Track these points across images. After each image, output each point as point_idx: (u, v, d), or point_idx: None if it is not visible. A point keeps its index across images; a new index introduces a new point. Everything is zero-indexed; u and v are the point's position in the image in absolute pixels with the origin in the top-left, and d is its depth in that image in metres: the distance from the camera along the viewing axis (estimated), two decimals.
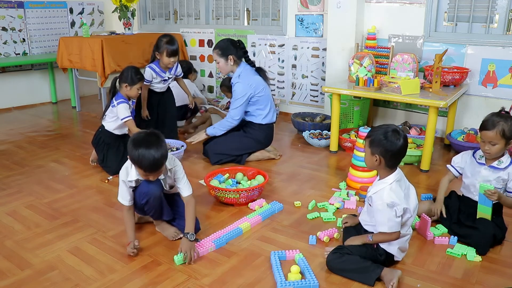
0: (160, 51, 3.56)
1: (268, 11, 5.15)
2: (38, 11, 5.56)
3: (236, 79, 3.39)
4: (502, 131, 2.12)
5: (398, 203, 1.90)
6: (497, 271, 2.05)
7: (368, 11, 4.26)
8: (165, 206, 2.28)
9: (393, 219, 1.90)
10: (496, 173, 2.22)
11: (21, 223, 2.50)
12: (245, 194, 2.65)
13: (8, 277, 1.99)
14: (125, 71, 3.22)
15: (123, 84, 3.19)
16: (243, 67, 3.44)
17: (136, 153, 2.00)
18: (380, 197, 1.93)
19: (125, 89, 3.19)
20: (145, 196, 2.17)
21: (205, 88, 5.81)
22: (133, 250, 2.12)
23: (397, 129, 1.95)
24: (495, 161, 2.22)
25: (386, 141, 1.92)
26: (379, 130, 1.97)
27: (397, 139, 1.91)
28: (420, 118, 4.20)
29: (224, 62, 3.39)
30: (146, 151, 1.98)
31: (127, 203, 2.20)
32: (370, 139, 1.99)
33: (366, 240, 2.00)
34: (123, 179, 2.17)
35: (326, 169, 3.40)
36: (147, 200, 2.18)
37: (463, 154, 2.41)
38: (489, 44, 3.76)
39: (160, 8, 6.12)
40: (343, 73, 4.26)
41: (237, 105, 3.37)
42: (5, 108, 5.41)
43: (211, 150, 3.43)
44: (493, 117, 2.18)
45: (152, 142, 2.02)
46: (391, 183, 1.94)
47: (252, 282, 1.95)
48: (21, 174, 3.25)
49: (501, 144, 2.15)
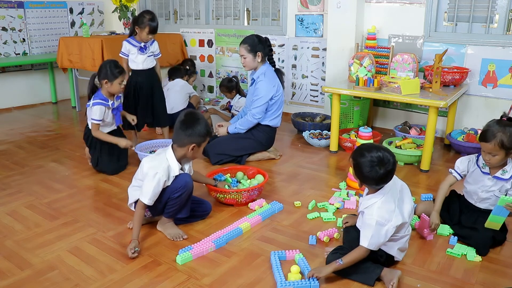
0: (142, 27, 3.49)
1: (268, 11, 5.15)
2: (38, 11, 5.56)
3: (262, 77, 3.37)
4: (501, 142, 2.06)
5: (388, 219, 1.86)
6: (497, 271, 2.04)
7: (368, 11, 4.26)
8: (189, 203, 2.34)
9: (378, 237, 1.85)
10: (499, 183, 2.19)
11: (21, 223, 2.50)
12: (245, 195, 2.65)
13: (8, 277, 1.99)
14: (103, 66, 3.02)
15: (103, 81, 3.00)
16: (268, 65, 3.44)
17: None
18: (371, 213, 1.88)
19: (105, 86, 3.01)
20: (181, 189, 2.20)
21: (205, 88, 5.81)
22: (134, 253, 2.11)
23: (382, 156, 1.82)
24: (499, 170, 2.19)
25: (368, 173, 1.83)
26: (364, 157, 1.84)
27: (380, 170, 1.81)
28: (420, 118, 4.20)
29: (251, 58, 3.36)
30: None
31: (151, 203, 2.20)
32: (354, 163, 1.90)
33: (336, 266, 1.88)
34: (165, 179, 2.18)
35: (326, 169, 3.40)
36: (180, 194, 2.21)
37: (467, 161, 2.34)
38: (489, 44, 3.76)
39: (160, 8, 6.12)
40: (343, 73, 4.26)
41: (259, 104, 3.37)
42: (5, 108, 5.41)
43: (211, 150, 3.43)
44: (492, 127, 2.11)
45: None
46: (381, 198, 1.90)
47: (252, 282, 1.95)
48: (21, 174, 3.25)
49: (501, 155, 2.10)
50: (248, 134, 3.48)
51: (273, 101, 3.42)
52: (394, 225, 1.87)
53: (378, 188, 1.92)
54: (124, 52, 3.63)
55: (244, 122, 3.45)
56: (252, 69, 3.43)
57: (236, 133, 3.48)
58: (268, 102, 3.39)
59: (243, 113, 3.65)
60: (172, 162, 2.23)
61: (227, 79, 4.55)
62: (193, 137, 2.21)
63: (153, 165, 2.20)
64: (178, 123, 2.24)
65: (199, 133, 2.22)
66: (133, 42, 3.61)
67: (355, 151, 1.93)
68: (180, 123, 2.23)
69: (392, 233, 1.88)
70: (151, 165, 2.21)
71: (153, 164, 2.21)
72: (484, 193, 2.25)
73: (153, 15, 3.55)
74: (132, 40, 3.61)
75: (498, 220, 2.13)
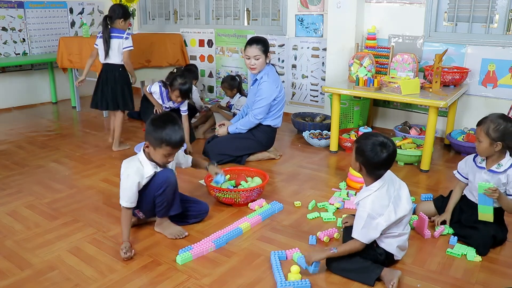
0: (172, 88, 3.52)
1: (268, 11, 5.15)
2: (38, 11, 5.56)
3: (265, 77, 3.36)
4: (487, 128, 2.12)
5: (380, 213, 1.88)
6: (497, 271, 2.05)
7: (368, 11, 4.26)
8: (177, 197, 2.29)
9: (368, 229, 1.89)
10: (495, 177, 2.20)
11: (21, 223, 2.50)
12: (244, 194, 2.65)
13: (8, 277, 1.99)
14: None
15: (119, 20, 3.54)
16: (270, 66, 3.45)
17: (163, 132, 2.08)
18: (364, 205, 1.92)
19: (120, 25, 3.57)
20: (163, 185, 2.18)
21: (205, 88, 5.81)
22: (127, 254, 2.10)
23: (385, 141, 1.91)
24: (494, 164, 2.21)
25: (369, 153, 1.89)
26: (368, 139, 1.93)
27: (381, 153, 1.88)
28: (420, 118, 4.20)
29: (264, 59, 3.34)
30: (173, 128, 2.09)
31: (131, 205, 2.18)
32: (356, 145, 1.97)
33: (330, 253, 1.93)
34: (138, 180, 2.15)
35: (326, 169, 3.40)
36: (164, 190, 2.18)
37: (465, 160, 2.38)
38: (489, 44, 3.76)
39: (160, 8, 6.12)
40: (343, 73, 4.26)
41: (262, 105, 3.37)
42: (5, 108, 5.41)
43: (211, 150, 3.43)
44: (490, 115, 2.18)
45: (173, 120, 2.13)
46: (375, 191, 1.92)
47: (252, 282, 1.95)
48: (21, 174, 3.25)
49: (486, 143, 2.13)
50: (248, 134, 3.48)
51: (276, 101, 3.43)
52: (386, 220, 1.88)
53: (375, 176, 1.94)
54: (151, 91, 3.71)
55: (245, 122, 3.45)
56: (261, 70, 3.40)
57: (237, 133, 3.48)
58: (270, 103, 3.39)
59: (243, 113, 3.65)
60: (143, 162, 2.20)
61: (230, 77, 4.54)
62: (148, 135, 2.15)
63: (126, 166, 2.20)
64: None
65: (155, 135, 2.11)
66: (164, 96, 3.66)
67: (359, 136, 2.03)
68: (150, 119, 2.19)
69: (384, 228, 1.89)
70: (125, 166, 2.21)
71: (126, 165, 2.21)
72: None
73: (185, 80, 3.49)
74: (165, 93, 3.65)
75: (487, 210, 2.16)
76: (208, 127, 4.27)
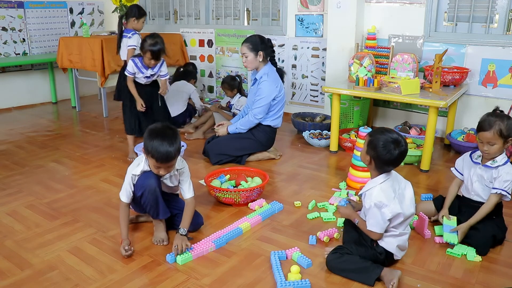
0: (143, 51, 3.32)
1: (268, 11, 5.15)
2: (38, 11, 5.56)
3: (265, 77, 3.38)
4: (500, 130, 2.13)
5: (386, 203, 1.90)
6: (497, 271, 2.05)
7: (368, 11, 4.26)
8: (161, 203, 2.25)
9: (376, 219, 1.92)
10: (489, 172, 2.23)
11: (21, 223, 2.50)
12: (244, 194, 2.65)
13: (8, 277, 1.99)
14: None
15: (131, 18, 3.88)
16: (270, 66, 3.45)
17: (151, 143, 2.06)
18: (369, 196, 1.95)
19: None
20: (141, 188, 2.18)
21: (205, 88, 5.81)
22: (127, 252, 2.11)
23: (399, 139, 1.93)
24: (490, 160, 2.23)
25: (381, 149, 1.91)
26: (382, 134, 1.95)
27: (394, 150, 1.91)
28: (420, 118, 4.20)
29: (253, 57, 3.36)
30: (160, 142, 2.05)
31: (126, 200, 2.21)
32: (370, 139, 1.99)
33: (356, 217, 2.07)
34: (133, 173, 2.19)
35: (326, 169, 3.40)
36: (142, 193, 2.18)
37: (462, 157, 2.41)
38: (489, 44, 3.76)
39: (160, 8, 6.12)
40: (343, 73, 4.26)
41: (261, 104, 3.37)
42: (5, 108, 5.41)
43: (211, 150, 3.43)
44: (489, 117, 2.18)
45: (167, 135, 2.09)
46: (381, 183, 1.95)
47: (252, 282, 1.95)
48: (21, 174, 3.25)
49: (500, 144, 2.16)
50: (248, 134, 3.47)
51: (275, 101, 3.43)
52: (391, 210, 1.90)
53: (383, 171, 1.96)
54: (130, 71, 3.40)
55: (245, 122, 3.45)
56: (254, 68, 3.43)
57: (236, 133, 3.48)
58: (270, 102, 3.40)
59: (243, 113, 3.65)
60: (144, 161, 2.21)
61: (230, 77, 4.54)
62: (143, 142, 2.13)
63: (133, 162, 2.25)
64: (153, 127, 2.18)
65: (145, 144, 2.09)
66: (139, 66, 3.38)
67: (374, 130, 2.05)
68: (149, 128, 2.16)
69: (389, 218, 1.90)
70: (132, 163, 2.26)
71: (134, 161, 2.26)
72: (477, 184, 2.28)
73: (155, 40, 3.28)
74: (139, 62, 3.38)
75: (451, 239, 2.20)
76: (208, 127, 4.27)
